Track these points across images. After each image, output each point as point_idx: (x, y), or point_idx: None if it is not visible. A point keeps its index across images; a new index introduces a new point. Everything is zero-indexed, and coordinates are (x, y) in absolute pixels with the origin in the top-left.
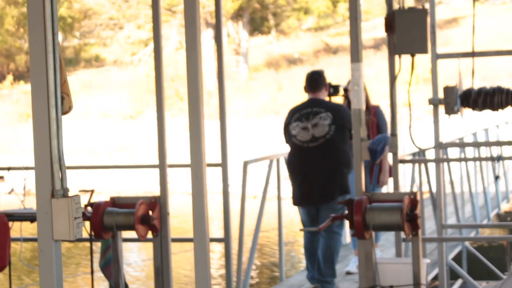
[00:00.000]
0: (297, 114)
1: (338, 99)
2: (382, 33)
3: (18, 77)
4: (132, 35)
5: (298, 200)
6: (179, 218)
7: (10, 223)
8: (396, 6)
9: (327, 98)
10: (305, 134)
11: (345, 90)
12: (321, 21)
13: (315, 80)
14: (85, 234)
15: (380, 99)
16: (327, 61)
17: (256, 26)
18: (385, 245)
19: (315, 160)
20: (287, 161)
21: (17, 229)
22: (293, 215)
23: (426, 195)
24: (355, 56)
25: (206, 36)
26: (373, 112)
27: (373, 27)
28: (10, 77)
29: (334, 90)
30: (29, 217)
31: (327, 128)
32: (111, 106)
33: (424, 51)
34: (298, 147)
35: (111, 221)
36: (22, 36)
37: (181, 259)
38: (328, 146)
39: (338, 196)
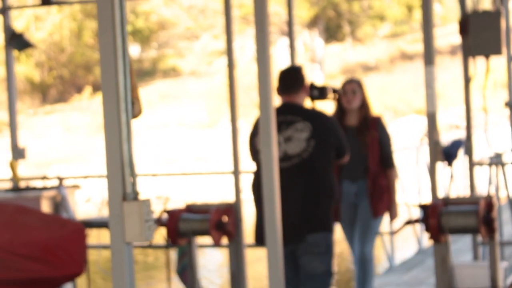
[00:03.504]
0: None
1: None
2: (459, 39)
3: (97, 88)
4: (209, 45)
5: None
6: None
7: (88, 231)
8: (470, 9)
9: (310, 104)
10: None
11: (335, 92)
12: (397, 28)
13: (290, 79)
14: (161, 241)
15: (457, 104)
16: (403, 67)
17: (332, 33)
18: (462, 249)
19: (288, 186)
20: (251, 185)
21: (95, 236)
22: None
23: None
24: (428, 58)
25: (282, 45)
26: (373, 125)
27: (450, 33)
28: (88, 89)
29: (320, 92)
30: (106, 224)
31: (305, 143)
32: (189, 116)
33: (498, 52)
34: None
35: (186, 227)
36: None
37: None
38: (305, 167)
39: (320, 233)
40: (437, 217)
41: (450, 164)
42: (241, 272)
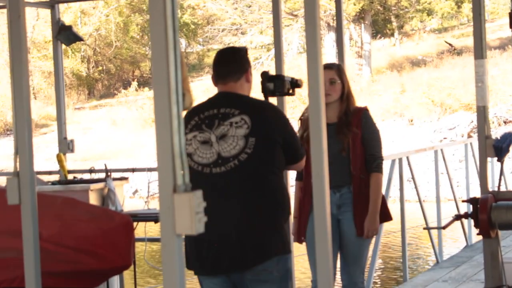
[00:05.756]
0: (195, 119)
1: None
2: (508, 33)
3: (143, 83)
4: (255, 40)
5: (198, 266)
6: None
7: (135, 224)
8: None
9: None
10: (206, 152)
11: (296, 84)
12: (445, 22)
13: (227, 62)
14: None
15: (507, 100)
16: (451, 62)
17: (379, 28)
18: (511, 246)
19: (223, 197)
20: None
21: (142, 230)
22: (416, 215)
23: None
24: (479, 52)
25: (329, 40)
26: (356, 120)
27: (499, 27)
28: (135, 84)
29: (276, 85)
30: (153, 217)
31: (243, 142)
32: None
33: None
34: (195, 173)
35: None
36: (146, 43)
37: None
38: (244, 172)
39: (271, 257)
40: (486, 212)
41: (500, 159)
42: None
